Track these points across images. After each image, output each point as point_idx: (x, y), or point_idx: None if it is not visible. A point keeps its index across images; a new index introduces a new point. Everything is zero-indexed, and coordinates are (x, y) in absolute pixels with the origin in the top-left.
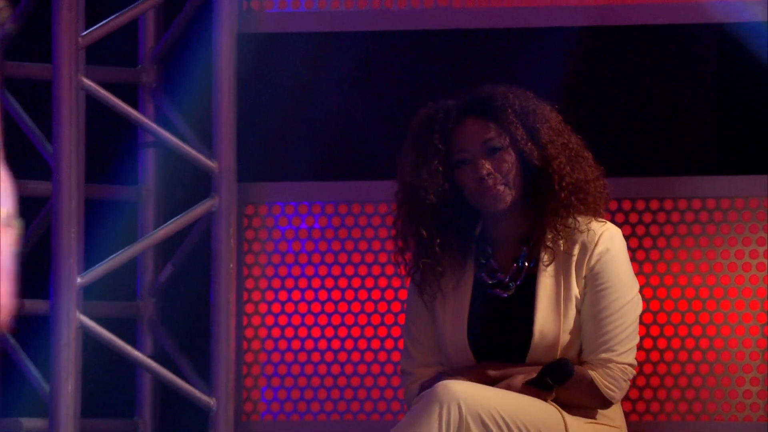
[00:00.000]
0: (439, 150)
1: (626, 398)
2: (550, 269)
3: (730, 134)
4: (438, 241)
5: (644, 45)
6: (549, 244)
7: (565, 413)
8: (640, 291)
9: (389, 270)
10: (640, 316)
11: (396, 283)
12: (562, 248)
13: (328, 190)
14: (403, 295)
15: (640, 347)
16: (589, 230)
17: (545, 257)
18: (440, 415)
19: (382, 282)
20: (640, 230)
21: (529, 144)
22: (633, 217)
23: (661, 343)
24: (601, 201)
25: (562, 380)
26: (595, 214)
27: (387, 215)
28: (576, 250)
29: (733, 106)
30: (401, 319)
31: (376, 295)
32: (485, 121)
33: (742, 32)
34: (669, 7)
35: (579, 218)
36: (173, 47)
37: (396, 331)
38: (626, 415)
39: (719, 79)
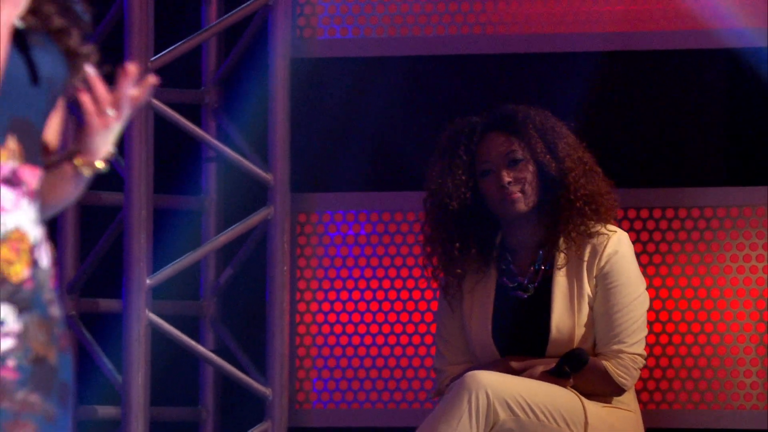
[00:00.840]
0: (464, 161)
1: (643, 388)
2: (564, 271)
3: (733, 149)
4: (458, 245)
5: (658, 68)
6: (563, 249)
7: (584, 398)
8: (656, 292)
9: (426, 273)
10: (656, 314)
11: (435, 284)
12: (574, 252)
13: (372, 200)
14: (436, 294)
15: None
16: (599, 235)
17: (560, 261)
18: (470, 401)
19: (422, 283)
20: (644, 236)
21: (548, 157)
22: (638, 225)
23: (677, 339)
24: (611, 211)
25: (578, 367)
26: (606, 222)
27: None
28: (587, 253)
29: (737, 123)
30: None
31: (416, 295)
32: (507, 136)
33: (747, 56)
34: (681, 33)
35: (590, 225)
36: (233, 70)
37: (431, 328)
38: (644, 404)
39: (726, 100)
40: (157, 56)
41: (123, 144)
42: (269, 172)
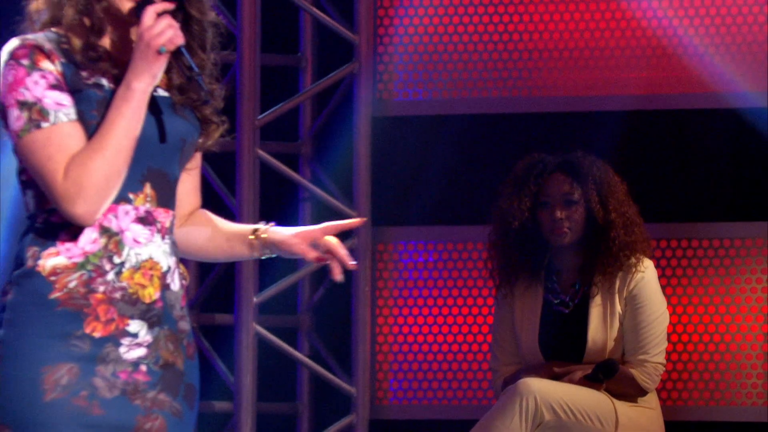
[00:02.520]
0: (531, 191)
1: (663, 388)
2: (600, 292)
3: (737, 190)
4: (513, 255)
5: (674, 124)
6: (599, 276)
7: (614, 400)
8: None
9: (484, 292)
10: (674, 327)
11: (490, 301)
12: (609, 279)
13: (439, 232)
14: (491, 310)
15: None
16: (630, 261)
17: (596, 284)
18: (521, 405)
19: (479, 301)
20: (664, 263)
21: (598, 206)
22: (658, 253)
23: (690, 348)
24: (644, 252)
25: (610, 375)
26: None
27: (482, 251)
28: (618, 279)
29: (740, 170)
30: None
31: (474, 311)
32: (570, 179)
33: (749, 115)
34: (694, 96)
35: (623, 261)
36: (324, 126)
37: (488, 338)
38: (664, 401)
39: (731, 151)
40: (262, 115)
41: (234, 186)
42: (354, 209)
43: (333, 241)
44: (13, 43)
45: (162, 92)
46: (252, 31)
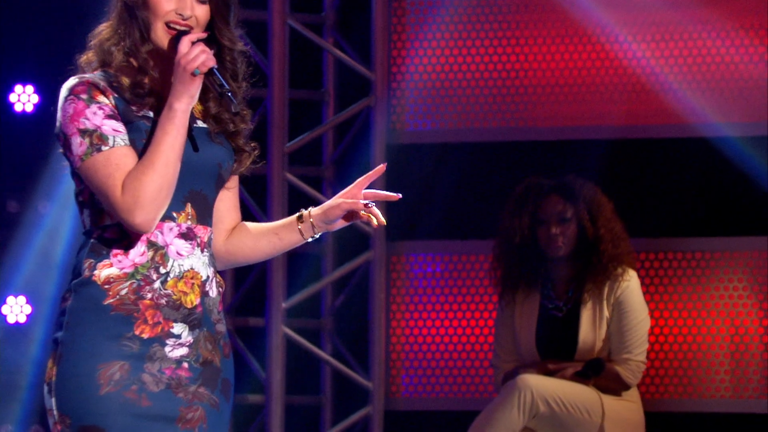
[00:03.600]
0: (530, 210)
1: (643, 384)
2: (590, 296)
3: (712, 210)
4: (514, 266)
5: (652, 151)
6: (590, 284)
7: (601, 394)
8: (650, 314)
9: (485, 298)
10: (653, 329)
11: (490, 306)
12: (598, 287)
13: (446, 246)
14: (493, 314)
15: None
16: (616, 272)
17: (587, 291)
18: (519, 398)
19: (481, 306)
20: (651, 272)
21: (588, 223)
22: (648, 265)
23: (666, 347)
24: (629, 264)
25: (598, 372)
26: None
27: (485, 263)
28: (606, 287)
29: (713, 191)
30: (488, 331)
31: (476, 315)
32: (563, 200)
33: (718, 143)
34: (669, 126)
35: (611, 271)
36: (345, 153)
37: (489, 338)
38: (643, 395)
39: (703, 174)
40: (290, 143)
41: (266, 205)
42: (369, 227)
43: (369, 193)
44: (71, 81)
45: (201, 123)
46: (281, 69)
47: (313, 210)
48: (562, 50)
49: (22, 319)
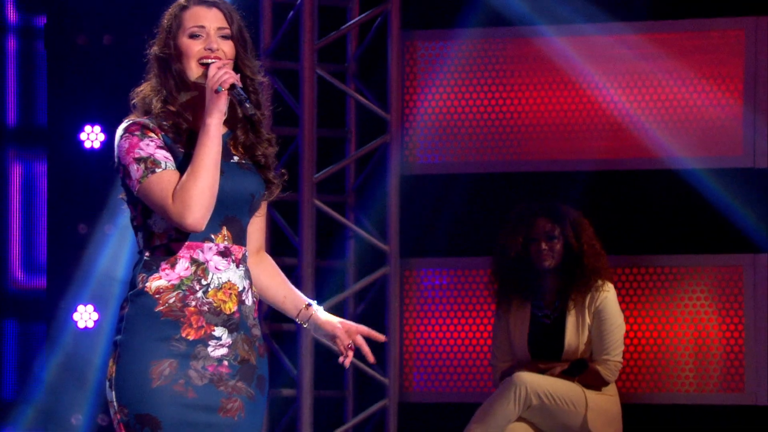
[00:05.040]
0: (522, 230)
1: (619, 380)
2: (574, 306)
3: (680, 232)
4: (512, 278)
5: (628, 181)
6: (574, 294)
7: (584, 389)
8: (626, 321)
9: (485, 307)
10: (627, 333)
11: (489, 314)
12: (581, 297)
13: (453, 263)
14: (491, 321)
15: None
16: (596, 286)
17: (571, 300)
18: (515, 392)
19: (481, 314)
20: (627, 285)
21: (573, 241)
22: (624, 278)
23: (639, 349)
24: (607, 276)
25: (581, 371)
26: (603, 278)
27: (485, 276)
28: (588, 297)
29: (678, 214)
30: (488, 335)
31: (478, 320)
32: (551, 221)
33: (683, 174)
34: (642, 159)
35: (592, 283)
36: (365, 182)
37: (488, 341)
38: (620, 389)
39: (669, 199)
40: (318, 174)
41: (297, 227)
42: (387, 245)
43: (360, 339)
44: (125, 123)
45: (236, 158)
46: (310, 111)
47: (319, 313)
48: (550, 95)
49: (90, 325)
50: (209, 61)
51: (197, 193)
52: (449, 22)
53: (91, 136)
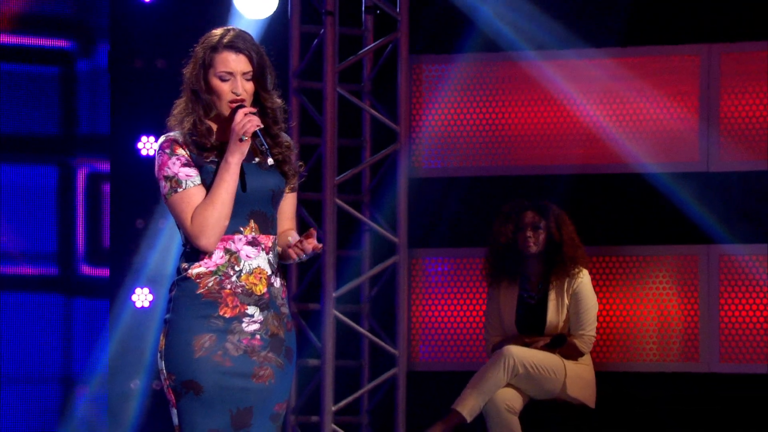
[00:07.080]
0: (512, 221)
1: (594, 351)
2: (554, 289)
3: (642, 225)
4: (502, 263)
5: (603, 183)
6: (554, 279)
7: (564, 360)
8: (599, 301)
9: (481, 290)
10: (600, 312)
11: (484, 296)
12: (561, 281)
13: (453, 252)
14: (485, 301)
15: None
16: (573, 272)
17: (552, 284)
18: (504, 362)
19: (478, 296)
20: (601, 271)
21: (555, 232)
22: (598, 265)
23: (609, 325)
24: (583, 264)
25: (561, 344)
26: (580, 265)
27: (480, 264)
28: (566, 281)
29: (646, 212)
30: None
31: (474, 302)
32: (537, 215)
33: (650, 178)
34: (616, 165)
35: (570, 269)
36: (378, 184)
37: (484, 319)
38: (594, 359)
39: (637, 199)
40: (339, 177)
41: (322, 223)
42: (396, 237)
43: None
44: (162, 138)
45: (257, 159)
46: (332, 124)
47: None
48: (536, 110)
49: (146, 305)
50: (236, 104)
51: (213, 223)
52: (450, 48)
53: (147, 145)
